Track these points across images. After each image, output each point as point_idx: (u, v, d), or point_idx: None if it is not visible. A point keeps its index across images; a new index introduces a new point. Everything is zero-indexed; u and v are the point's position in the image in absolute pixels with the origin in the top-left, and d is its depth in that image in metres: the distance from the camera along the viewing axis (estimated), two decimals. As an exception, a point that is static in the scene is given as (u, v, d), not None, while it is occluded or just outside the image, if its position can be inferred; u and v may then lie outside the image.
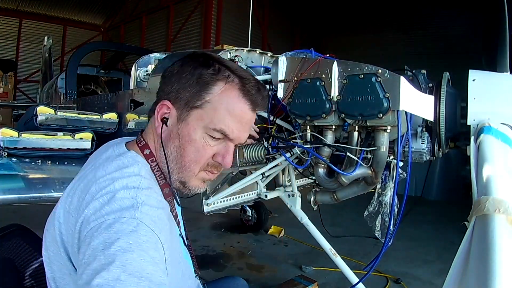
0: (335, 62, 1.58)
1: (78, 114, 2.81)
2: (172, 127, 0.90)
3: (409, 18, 9.27)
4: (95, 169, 0.85)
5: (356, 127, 1.59)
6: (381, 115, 1.44)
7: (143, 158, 0.91)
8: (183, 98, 0.88)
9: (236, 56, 2.03)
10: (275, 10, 11.20)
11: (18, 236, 1.11)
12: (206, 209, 1.99)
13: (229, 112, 0.88)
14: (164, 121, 0.90)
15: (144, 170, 0.88)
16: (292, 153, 1.86)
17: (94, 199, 0.76)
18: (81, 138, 2.55)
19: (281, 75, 1.74)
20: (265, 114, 1.92)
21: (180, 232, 0.96)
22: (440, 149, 1.67)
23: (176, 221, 0.95)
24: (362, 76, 1.49)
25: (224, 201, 2.11)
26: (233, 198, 2.17)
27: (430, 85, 1.63)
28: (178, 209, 0.99)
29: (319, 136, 1.68)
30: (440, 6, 8.53)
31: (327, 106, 1.58)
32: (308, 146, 1.70)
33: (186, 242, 1.00)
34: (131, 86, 2.84)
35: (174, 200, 0.96)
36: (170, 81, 0.91)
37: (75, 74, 4.55)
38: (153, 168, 0.91)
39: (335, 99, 1.56)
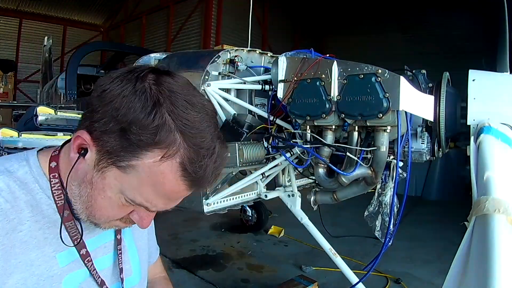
0: (335, 62, 1.58)
1: (78, 114, 2.81)
2: (87, 169, 0.67)
3: (409, 18, 9.27)
4: None
5: (356, 127, 1.59)
6: (381, 115, 1.44)
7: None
8: (107, 143, 0.63)
9: (236, 56, 2.03)
10: (275, 10, 11.20)
11: None
12: (206, 209, 1.99)
13: (156, 191, 0.65)
14: (82, 153, 0.67)
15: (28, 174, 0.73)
16: (292, 153, 1.86)
17: None
18: (81, 138, 2.54)
19: (281, 75, 1.74)
20: (264, 114, 1.92)
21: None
22: (440, 149, 1.67)
23: (81, 251, 0.77)
24: (362, 76, 1.49)
25: (224, 201, 2.11)
26: (233, 198, 2.17)
27: (430, 85, 1.63)
28: (98, 238, 0.82)
29: (318, 137, 1.68)
30: (440, 6, 8.53)
31: (327, 106, 1.58)
32: (308, 146, 1.70)
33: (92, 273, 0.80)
34: (131, 86, 2.84)
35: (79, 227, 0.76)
36: (99, 109, 0.63)
37: (75, 74, 4.55)
38: (52, 185, 0.73)
39: (335, 99, 1.56)
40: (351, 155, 1.60)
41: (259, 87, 1.98)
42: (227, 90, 1.98)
